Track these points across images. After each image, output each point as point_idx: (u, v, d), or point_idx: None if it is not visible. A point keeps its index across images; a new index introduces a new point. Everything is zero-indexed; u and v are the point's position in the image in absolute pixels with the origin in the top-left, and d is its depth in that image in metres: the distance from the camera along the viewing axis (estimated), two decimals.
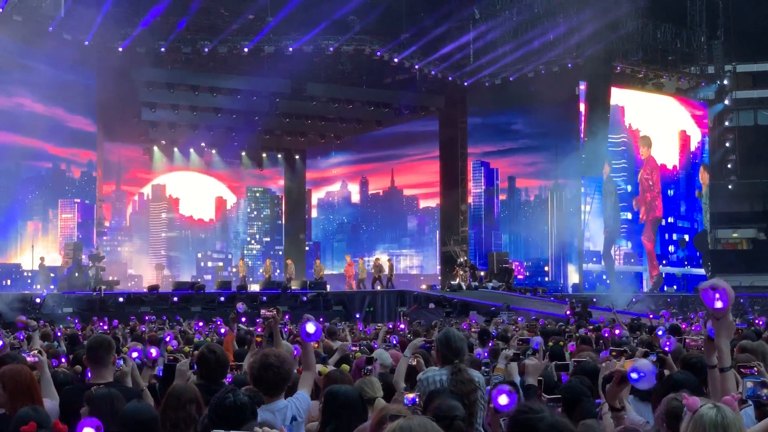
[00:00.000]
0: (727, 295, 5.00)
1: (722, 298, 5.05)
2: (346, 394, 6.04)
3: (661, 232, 46.96)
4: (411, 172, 50.37)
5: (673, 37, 45.97)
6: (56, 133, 37.73)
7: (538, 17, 42.20)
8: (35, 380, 6.67)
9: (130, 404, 5.77)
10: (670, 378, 6.80)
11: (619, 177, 45.56)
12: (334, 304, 35.11)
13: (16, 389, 6.34)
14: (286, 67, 41.12)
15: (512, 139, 45.47)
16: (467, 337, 12.08)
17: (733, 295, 5.03)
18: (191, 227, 52.25)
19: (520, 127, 45.00)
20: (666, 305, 38.62)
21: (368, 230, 53.34)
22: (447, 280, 41.92)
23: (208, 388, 6.32)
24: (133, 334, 18.37)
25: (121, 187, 49.78)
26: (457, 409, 5.56)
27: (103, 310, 30.51)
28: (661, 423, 5.49)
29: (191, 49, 39.85)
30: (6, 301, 28.27)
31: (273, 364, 6.36)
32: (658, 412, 5.54)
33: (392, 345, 12.84)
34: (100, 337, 7.71)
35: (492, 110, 45.44)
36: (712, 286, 5.03)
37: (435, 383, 7.25)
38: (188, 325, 23.98)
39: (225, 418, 5.02)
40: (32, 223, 39.24)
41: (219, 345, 8.49)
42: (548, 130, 43.87)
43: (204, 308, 32.44)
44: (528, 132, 44.93)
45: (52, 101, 37.25)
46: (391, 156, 49.61)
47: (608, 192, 44.82)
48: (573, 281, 44.30)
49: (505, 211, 46.71)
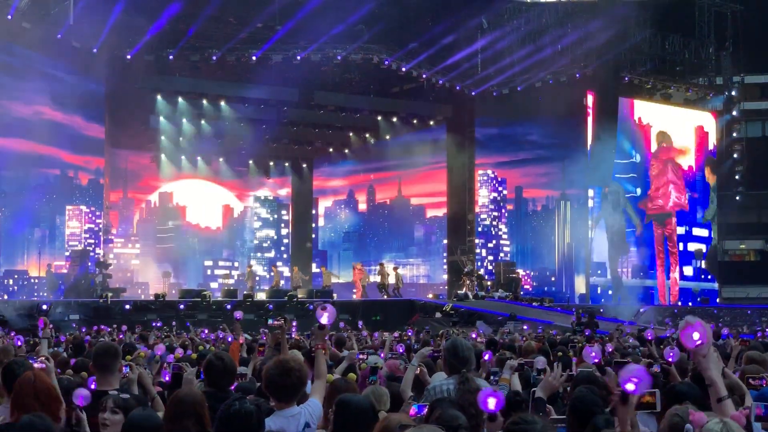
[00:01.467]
0: (704, 329, 4.95)
1: (699, 331, 4.99)
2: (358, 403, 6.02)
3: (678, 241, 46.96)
4: (418, 181, 50.34)
5: (681, 48, 45.94)
6: (64, 140, 37.77)
7: (546, 27, 42.22)
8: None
9: (136, 411, 5.75)
10: (673, 389, 6.76)
11: (626, 177, 45.49)
12: (340, 313, 35.07)
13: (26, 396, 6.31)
14: (294, 75, 41.15)
15: (520, 149, 45.44)
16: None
17: (709, 329, 5.00)
18: (198, 235, 52.27)
19: (528, 137, 44.95)
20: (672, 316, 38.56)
21: (375, 239, 53.33)
22: (454, 290, 41.88)
23: (216, 396, 6.31)
24: (144, 341, 18.33)
25: (128, 194, 49.85)
26: (460, 418, 5.54)
27: (109, 317, 30.54)
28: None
29: (199, 57, 39.87)
30: (13, 308, 28.29)
31: (294, 368, 6.36)
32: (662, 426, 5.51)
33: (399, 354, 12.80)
34: (106, 344, 7.72)
35: (500, 120, 45.41)
36: (686, 323, 4.99)
37: (442, 392, 7.23)
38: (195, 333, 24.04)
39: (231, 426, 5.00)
40: (39, 230, 39.30)
41: (226, 353, 8.49)
42: (556, 141, 43.86)
43: (210, 316, 32.47)
44: (536, 142, 44.90)
45: (59, 108, 37.30)
46: (399, 165, 49.55)
47: (611, 204, 44.69)
48: (580, 291, 44.25)
49: (512, 220, 46.68)
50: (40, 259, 37.88)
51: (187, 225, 51.81)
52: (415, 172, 49.84)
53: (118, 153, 45.42)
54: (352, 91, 44.92)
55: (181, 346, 14.41)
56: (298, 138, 47.97)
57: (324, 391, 6.87)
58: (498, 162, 46.40)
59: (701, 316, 36.65)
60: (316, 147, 49.48)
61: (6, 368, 7.32)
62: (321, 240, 55.16)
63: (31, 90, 35.69)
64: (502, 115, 44.66)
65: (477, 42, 42.40)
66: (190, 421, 5.60)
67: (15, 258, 38.10)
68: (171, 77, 41.35)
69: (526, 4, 43.00)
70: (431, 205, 50.60)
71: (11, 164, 36.30)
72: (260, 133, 45.49)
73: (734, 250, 51.07)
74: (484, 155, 46.30)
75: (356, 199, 54.62)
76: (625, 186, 45.54)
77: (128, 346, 12.44)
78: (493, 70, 43.09)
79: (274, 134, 46.42)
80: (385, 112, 45.58)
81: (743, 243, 50.87)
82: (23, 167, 36.97)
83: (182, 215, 51.73)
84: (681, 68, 46.68)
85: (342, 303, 37.32)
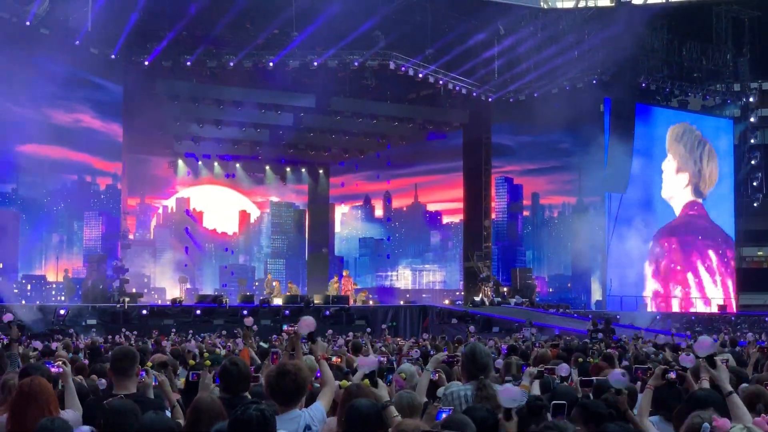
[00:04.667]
0: (702, 344, 5.47)
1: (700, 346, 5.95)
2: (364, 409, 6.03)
3: None
4: (434, 187, 50.36)
5: (698, 54, 45.78)
6: (82, 145, 37.96)
7: (563, 33, 42.13)
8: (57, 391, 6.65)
9: (147, 415, 5.74)
10: (693, 395, 6.75)
11: None
12: (356, 318, 35.11)
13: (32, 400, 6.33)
14: (310, 81, 41.29)
15: (536, 155, 45.34)
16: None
17: (708, 340, 5.57)
18: (215, 240, 52.41)
19: (545, 144, 44.80)
20: (690, 323, 38.45)
21: (391, 245, 53.34)
22: (470, 296, 41.85)
23: (231, 401, 6.33)
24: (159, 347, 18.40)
25: (145, 199, 50.02)
26: (468, 425, 5.56)
27: (126, 322, 30.66)
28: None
29: (216, 63, 39.98)
30: (31, 313, 28.42)
31: (290, 371, 6.39)
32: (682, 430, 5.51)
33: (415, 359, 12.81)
34: (124, 349, 7.75)
35: (516, 126, 45.32)
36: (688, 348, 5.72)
37: (459, 398, 7.24)
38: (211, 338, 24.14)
39: None
40: (57, 235, 39.48)
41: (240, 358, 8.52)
42: (572, 147, 43.78)
43: (227, 321, 32.52)
44: (552, 148, 44.79)
45: (78, 114, 37.51)
46: (415, 171, 49.57)
47: None
48: (596, 298, 44.14)
49: (528, 227, 46.64)
50: (58, 264, 38.05)
51: (204, 230, 51.94)
52: (432, 178, 49.88)
53: (135, 158, 45.53)
54: (369, 97, 44.93)
55: None
56: (315, 144, 48.02)
57: (330, 396, 6.93)
58: (514, 168, 46.35)
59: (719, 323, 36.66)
60: (332, 153, 49.58)
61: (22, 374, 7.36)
62: (337, 246, 55.18)
63: (49, 96, 35.87)
64: (519, 121, 44.51)
65: (493, 48, 42.39)
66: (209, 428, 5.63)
67: (33, 263, 38.28)
68: (188, 83, 41.49)
69: (543, 11, 42.95)
70: (447, 211, 50.59)
71: (29, 170, 36.49)
72: (277, 138, 45.64)
73: (752, 257, 50.87)
74: (501, 161, 46.22)
75: (372, 205, 54.64)
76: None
77: (141, 351, 12.49)
78: (509, 76, 43.09)
79: (290, 140, 46.50)
80: (402, 118, 45.57)
81: (761, 250, 50.66)
82: (40, 172, 37.16)
83: (199, 221, 51.86)
84: (698, 74, 46.49)
85: (357, 308, 37.41)
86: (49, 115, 36.70)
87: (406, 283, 51.37)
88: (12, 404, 6.31)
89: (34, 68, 34.21)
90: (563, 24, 42.34)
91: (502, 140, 46.27)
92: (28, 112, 35.58)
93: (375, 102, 45.15)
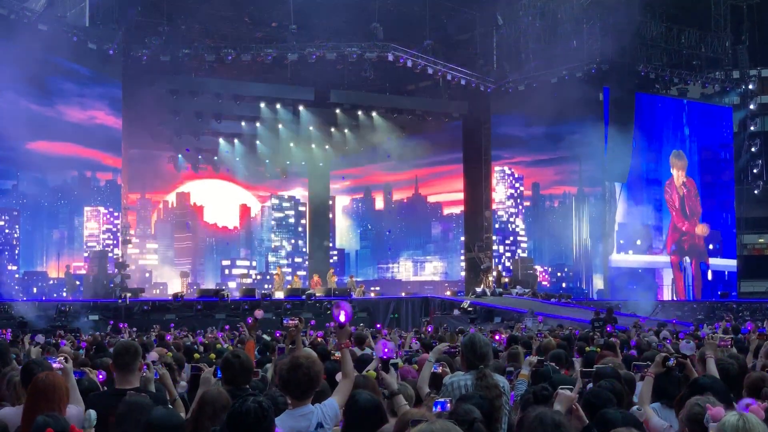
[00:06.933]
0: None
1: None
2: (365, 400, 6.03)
3: None
4: (434, 178, 50.30)
5: (697, 42, 45.70)
6: (81, 140, 37.90)
7: (561, 23, 42.09)
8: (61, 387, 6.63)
9: (157, 410, 5.76)
10: (695, 382, 6.77)
11: None
12: (358, 311, 35.14)
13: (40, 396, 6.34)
14: (309, 74, 41.22)
15: (536, 145, 45.25)
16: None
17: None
18: (215, 234, 52.39)
19: (544, 133, 44.72)
20: (692, 311, 38.48)
21: (392, 237, 53.31)
22: (471, 287, 41.86)
23: (233, 394, 6.33)
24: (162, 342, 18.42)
25: (145, 194, 49.96)
26: (474, 412, 5.56)
27: (128, 317, 30.71)
28: (683, 427, 5.48)
29: (215, 56, 39.91)
30: (32, 309, 28.47)
31: (303, 365, 6.32)
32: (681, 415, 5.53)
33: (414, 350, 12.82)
34: (127, 343, 7.74)
35: (516, 116, 45.25)
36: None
37: (460, 388, 7.25)
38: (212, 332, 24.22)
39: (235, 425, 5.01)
40: (58, 232, 39.46)
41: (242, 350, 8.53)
42: (572, 136, 43.67)
43: (228, 315, 32.57)
44: (552, 138, 44.68)
45: (77, 110, 37.50)
46: (415, 163, 49.44)
47: None
48: (598, 287, 44.15)
49: (529, 217, 46.57)
50: (59, 261, 38.04)
51: (205, 225, 51.93)
52: (432, 169, 49.82)
53: (135, 153, 45.44)
54: (368, 90, 44.92)
55: None
56: (314, 137, 47.97)
57: (347, 392, 6.66)
58: (514, 158, 46.29)
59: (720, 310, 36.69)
60: (332, 145, 49.52)
61: (24, 368, 7.38)
62: (338, 239, 55.17)
63: (49, 91, 35.86)
64: (519, 111, 44.44)
65: (492, 39, 42.35)
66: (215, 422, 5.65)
67: (34, 260, 38.27)
68: (187, 77, 41.46)
69: (542, 0, 42.89)
70: (448, 202, 50.50)
71: (29, 166, 36.44)
72: (276, 132, 45.64)
73: (753, 244, 50.88)
74: (501, 152, 46.14)
75: (373, 197, 54.60)
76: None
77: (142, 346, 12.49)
78: (508, 66, 43.05)
79: (290, 133, 46.46)
80: (401, 109, 45.53)
81: (762, 237, 50.66)
82: (41, 168, 37.12)
83: (199, 215, 51.84)
84: (697, 62, 46.42)
85: (360, 301, 37.46)
86: (49, 111, 36.64)
87: (408, 274, 51.36)
88: (27, 398, 6.36)
89: (32, 64, 34.12)
90: (561, 13, 42.28)
91: (502, 130, 46.18)
92: (27, 109, 35.52)
93: (374, 94, 45.18)
